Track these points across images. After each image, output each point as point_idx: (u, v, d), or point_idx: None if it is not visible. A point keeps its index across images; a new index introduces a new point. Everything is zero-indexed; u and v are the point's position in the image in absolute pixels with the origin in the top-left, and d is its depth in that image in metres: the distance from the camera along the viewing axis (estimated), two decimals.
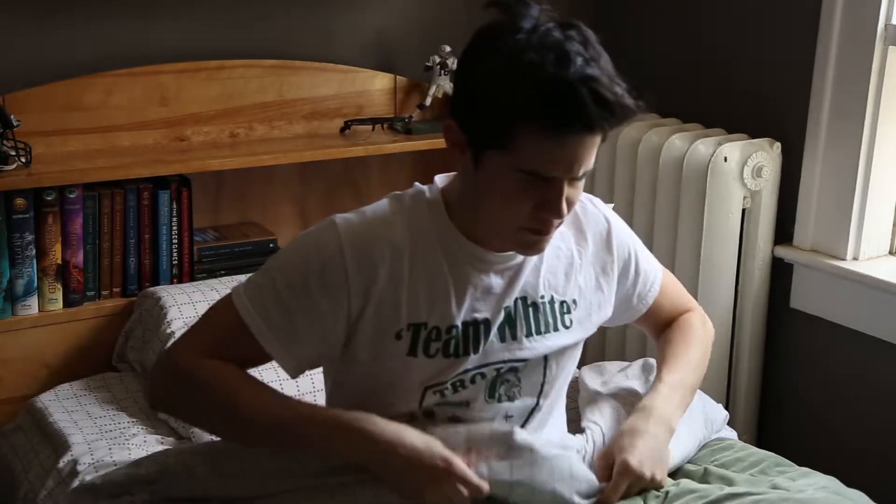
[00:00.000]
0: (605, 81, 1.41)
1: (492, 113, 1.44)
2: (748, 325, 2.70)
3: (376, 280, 1.54)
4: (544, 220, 1.50)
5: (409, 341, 1.57)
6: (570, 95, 1.39)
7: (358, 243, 1.54)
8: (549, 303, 1.66)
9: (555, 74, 1.39)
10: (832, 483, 1.76)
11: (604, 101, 1.40)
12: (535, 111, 1.41)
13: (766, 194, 2.65)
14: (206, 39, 2.61)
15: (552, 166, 1.45)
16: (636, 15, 3.02)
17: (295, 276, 1.55)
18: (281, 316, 1.55)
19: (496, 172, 1.48)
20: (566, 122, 1.41)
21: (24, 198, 2.30)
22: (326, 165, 2.77)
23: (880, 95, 2.48)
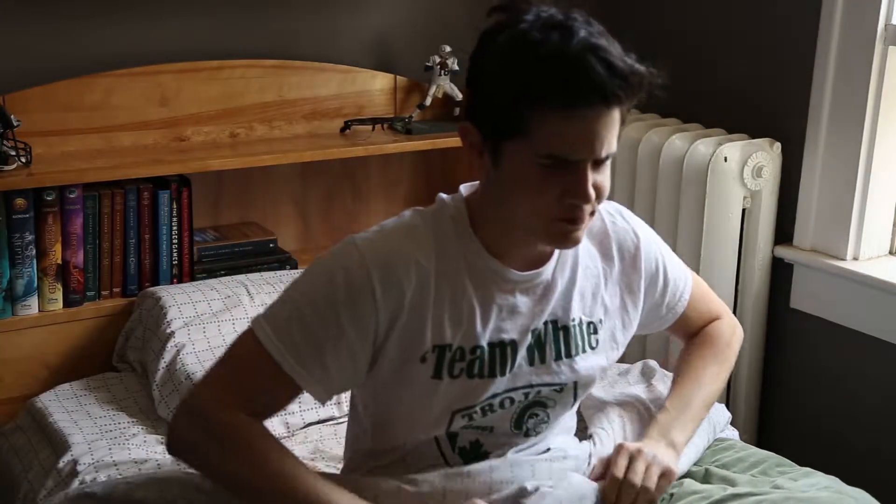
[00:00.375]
0: (613, 50, 1.38)
1: (503, 99, 1.40)
2: (748, 325, 2.70)
3: (403, 303, 1.48)
4: (573, 207, 1.44)
5: (434, 364, 1.52)
6: (579, 65, 1.36)
7: (384, 265, 1.48)
8: (578, 325, 1.62)
9: (560, 47, 1.36)
10: (834, 483, 1.76)
11: (614, 68, 1.37)
12: (544, 88, 1.36)
13: (766, 194, 2.65)
14: (206, 39, 2.61)
15: (571, 147, 1.40)
16: (636, 15, 3.02)
17: (322, 305, 1.48)
18: (310, 347, 1.49)
19: (517, 164, 1.42)
20: (578, 95, 1.37)
21: (24, 198, 2.30)
22: (326, 165, 2.77)
23: (880, 95, 2.48)
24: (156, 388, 2.23)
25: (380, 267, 1.48)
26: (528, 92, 1.38)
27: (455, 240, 1.53)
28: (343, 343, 1.49)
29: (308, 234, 2.85)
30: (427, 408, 1.55)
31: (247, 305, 2.39)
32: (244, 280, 2.49)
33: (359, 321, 1.48)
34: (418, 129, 2.76)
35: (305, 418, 2.20)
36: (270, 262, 2.65)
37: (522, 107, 1.39)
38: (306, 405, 2.21)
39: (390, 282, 1.48)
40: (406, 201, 2.94)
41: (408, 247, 1.51)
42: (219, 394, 1.51)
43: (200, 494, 1.61)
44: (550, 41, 1.37)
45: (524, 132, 1.40)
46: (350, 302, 1.47)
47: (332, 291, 1.48)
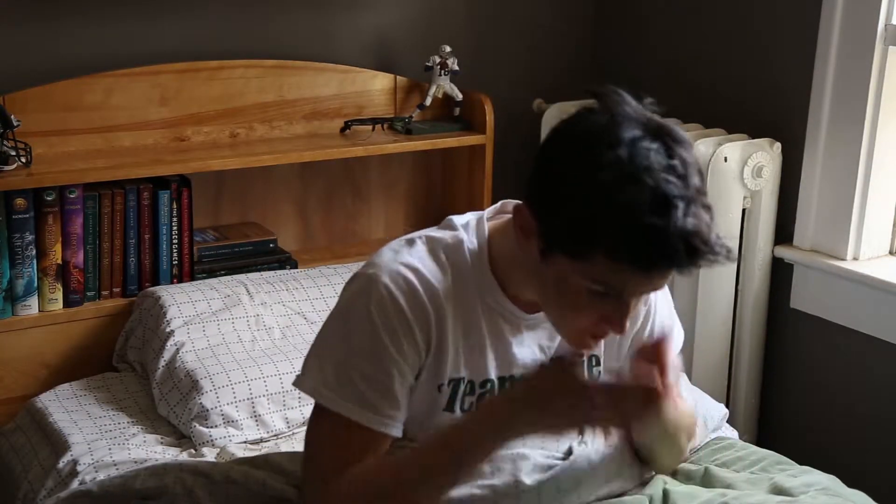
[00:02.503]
0: (703, 232, 1.31)
1: (575, 230, 1.34)
2: (748, 325, 2.70)
3: (430, 333, 1.49)
4: (604, 330, 1.43)
5: (448, 396, 1.54)
6: (667, 247, 1.30)
7: (411, 297, 1.47)
8: (585, 360, 1.64)
9: (653, 224, 1.29)
10: (833, 482, 1.76)
11: (698, 253, 1.31)
12: (624, 250, 1.31)
13: (766, 194, 2.65)
14: (206, 39, 2.61)
15: (629, 289, 1.37)
16: (636, 15, 3.02)
17: (373, 350, 1.47)
18: (380, 395, 1.47)
19: (564, 278, 1.39)
20: (657, 266, 1.33)
21: (24, 198, 2.30)
22: (326, 165, 2.77)
23: (880, 95, 2.48)
24: (156, 387, 2.23)
25: (407, 298, 1.47)
26: (605, 246, 1.32)
27: (473, 274, 1.53)
28: (403, 374, 1.49)
29: (308, 234, 2.85)
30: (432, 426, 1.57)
31: (246, 305, 2.39)
32: (244, 280, 2.49)
33: (405, 353, 1.48)
34: (418, 129, 2.77)
35: (305, 414, 2.20)
36: (270, 262, 2.65)
37: (593, 249, 1.33)
38: (306, 400, 2.20)
39: (420, 314, 1.48)
40: (406, 201, 2.94)
41: (429, 280, 1.50)
42: (326, 480, 1.47)
43: (198, 477, 1.64)
44: (642, 210, 1.29)
45: (586, 261, 1.35)
46: (394, 336, 1.47)
47: (374, 332, 1.47)
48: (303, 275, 2.55)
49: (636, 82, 1.54)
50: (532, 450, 1.61)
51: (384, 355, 1.47)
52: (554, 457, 1.63)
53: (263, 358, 2.25)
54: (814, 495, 1.68)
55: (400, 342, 1.47)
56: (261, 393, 2.17)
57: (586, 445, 1.66)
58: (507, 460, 1.58)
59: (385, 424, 1.48)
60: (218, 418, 2.11)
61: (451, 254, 1.53)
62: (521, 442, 1.61)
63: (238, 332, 2.33)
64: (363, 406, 1.46)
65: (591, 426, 1.45)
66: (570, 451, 1.65)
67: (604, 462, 1.65)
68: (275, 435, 2.16)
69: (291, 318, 2.41)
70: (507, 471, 1.58)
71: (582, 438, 1.67)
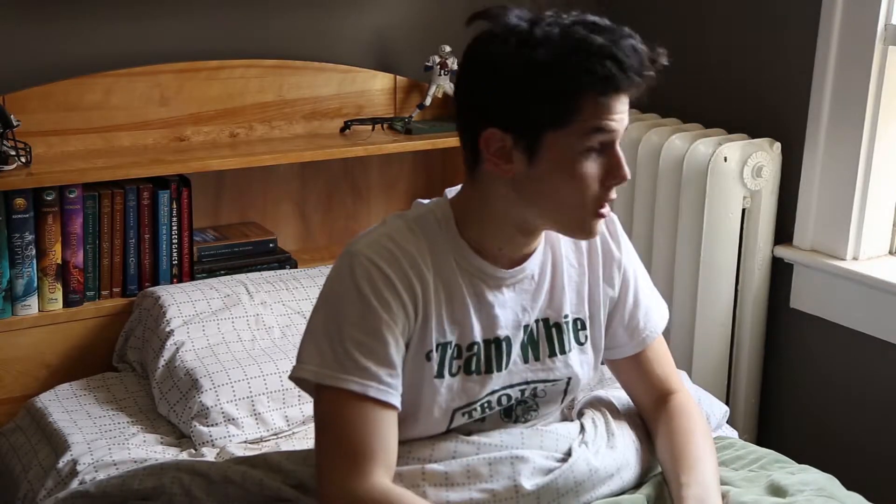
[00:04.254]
0: (637, 37, 1.49)
1: (553, 92, 1.45)
2: (748, 325, 2.70)
3: (417, 300, 1.52)
4: (610, 189, 1.52)
5: (437, 363, 1.55)
6: (628, 53, 1.45)
7: (395, 265, 1.51)
8: (568, 322, 1.66)
9: (608, 40, 1.45)
10: (830, 482, 1.76)
11: (644, 55, 1.47)
12: (597, 76, 1.44)
13: (766, 194, 2.65)
14: (206, 39, 2.61)
15: (612, 120, 1.48)
16: (636, 15, 3.02)
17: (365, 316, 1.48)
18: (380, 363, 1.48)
19: (559, 152, 1.47)
20: (626, 77, 1.45)
21: (24, 198, 2.30)
22: (326, 165, 2.77)
23: (880, 95, 2.48)
24: (155, 386, 2.23)
25: (392, 267, 1.50)
26: (581, 79, 1.44)
27: (444, 241, 1.56)
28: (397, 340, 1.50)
29: (308, 233, 2.85)
30: (430, 409, 1.57)
31: (246, 304, 2.39)
32: (244, 279, 2.49)
33: (396, 319, 1.50)
34: (418, 129, 2.77)
35: (305, 412, 2.20)
36: (270, 262, 2.65)
37: (572, 93, 1.45)
38: (305, 398, 2.21)
39: (405, 280, 1.51)
40: (406, 201, 2.94)
41: (407, 248, 1.53)
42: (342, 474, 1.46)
43: (196, 477, 1.64)
44: (593, 37, 1.44)
45: (570, 117, 1.45)
46: (383, 300, 1.49)
47: (364, 300, 1.48)
48: (303, 274, 2.55)
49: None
50: (531, 451, 1.61)
51: (378, 322, 1.48)
52: (553, 457, 1.62)
53: (263, 357, 2.25)
54: (809, 497, 1.67)
55: (389, 306, 1.49)
56: (261, 391, 2.17)
57: (586, 446, 1.66)
58: (505, 463, 1.57)
59: (389, 394, 1.48)
60: (218, 416, 2.11)
61: (422, 225, 1.57)
62: (520, 441, 1.62)
63: (238, 331, 2.33)
64: (366, 377, 1.46)
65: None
66: (569, 451, 1.64)
67: (604, 462, 1.64)
68: (275, 434, 2.16)
69: (291, 318, 2.41)
70: (505, 474, 1.57)
71: (582, 438, 1.68)
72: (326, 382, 1.48)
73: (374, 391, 1.47)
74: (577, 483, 1.60)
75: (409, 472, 1.55)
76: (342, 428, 1.48)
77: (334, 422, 1.49)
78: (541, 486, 1.58)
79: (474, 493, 1.55)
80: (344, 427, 1.47)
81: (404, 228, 1.56)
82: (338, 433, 1.48)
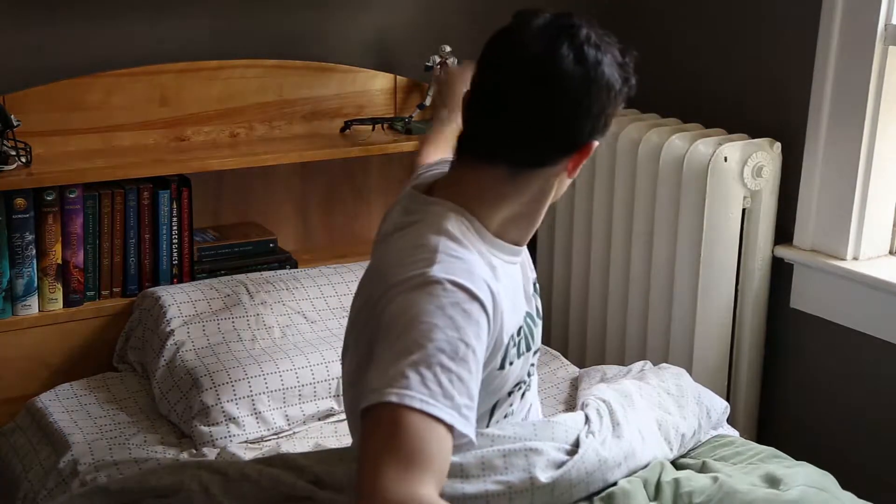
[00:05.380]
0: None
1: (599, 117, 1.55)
2: (748, 325, 2.70)
3: (495, 297, 1.49)
4: None
5: (501, 357, 1.55)
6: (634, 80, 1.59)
7: (474, 280, 1.45)
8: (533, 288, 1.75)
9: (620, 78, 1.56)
10: (825, 478, 1.78)
11: None
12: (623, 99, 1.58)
13: (766, 194, 2.65)
14: (206, 39, 2.61)
15: None
16: (637, 15, 3.02)
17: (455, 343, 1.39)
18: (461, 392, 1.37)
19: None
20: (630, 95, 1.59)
21: (24, 198, 2.30)
22: (326, 165, 2.77)
23: (880, 95, 2.48)
24: (156, 386, 2.23)
25: (473, 282, 1.45)
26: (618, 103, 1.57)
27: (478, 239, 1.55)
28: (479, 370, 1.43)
29: (308, 234, 2.85)
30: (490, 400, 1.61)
31: (246, 304, 2.39)
32: (244, 279, 2.49)
33: (482, 342, 1.44)
34: (418, 129, 2.76)
35: (305, 411, 2.21)
36: (270, 262, 2.65)
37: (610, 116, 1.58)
38: (306, 398, 2.21)
39: (486, 292, 1.47)
40: None
41: (468, 259, 1.49)
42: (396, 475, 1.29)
43: (214, 475, 1.64)
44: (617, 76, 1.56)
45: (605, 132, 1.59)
46: (475, 329, 1.42)
47: (455, 327, 1.40)
48: (303, 274, 2.55)
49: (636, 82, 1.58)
50: (544, 443, 1.63)
51: (466, 353, 1.40)
52: (563, 449, 1.66)
53: (263, 356, 2.25)
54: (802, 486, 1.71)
55: (479, 328, 1.43)
56: (261, 390, 2.17)
57: (593, 436, 1.71)
58: (519, 455, 1.60)
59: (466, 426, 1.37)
60: (219, 415, 2.11)
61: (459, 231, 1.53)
62: (533, 433, 1.64)
63: (238, 331, 2.33)
64: (452, 407, 1.35)
65: None
66: (577, 442, 1.69)
67: (612, 452, 1.69)
68: (275, 434, 2.16)
69: (291, 318, 2.41)
70: (520, 466, 1.60)
71: (589, 428, 1.71)
72: (414, 405, 1.32)
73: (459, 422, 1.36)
74: (588, 473, 1.65)
75: None
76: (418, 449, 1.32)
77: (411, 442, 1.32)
78: (555, 478, 1.62)
79: (490, 485, 1.56)
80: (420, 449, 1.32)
81: (451, 242, 1.50)
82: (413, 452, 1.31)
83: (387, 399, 1.32)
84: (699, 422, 1.98)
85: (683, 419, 1.93)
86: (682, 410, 1.94)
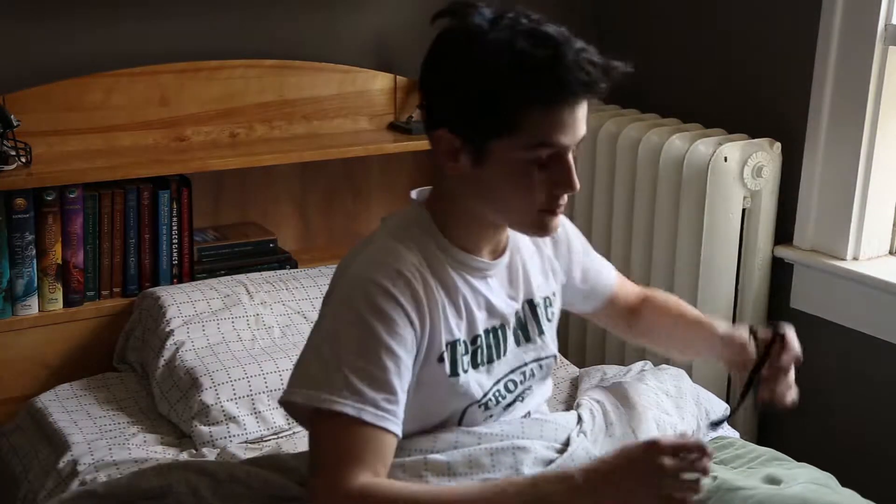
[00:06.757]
0: (591, 49, 1.48)
1: (492, 102, 1.45)
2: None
3: (423, 308, 1.51)
4: (558, 197, 1.52)
5: (449, 362, 1.56)
6: (570, 65, 1.44)
7: (397, 278, 1.50)
8: (542, 301, 1.71)
9: (550, 54, 1.44)
10: (827, 479, 1.77)
11: (596, 64, 1.46)
12: (540, 91, 1.44)
13: (766, 194, 2.65)
14: (206, 39, 2.61)
15: (559, 134, 1.47)
16: (635, 15, 3.02)
17: (365, 342, 1.47)
18: (378, 388, 1.46)
19: (505, 161, 1.48)
20: (569, 90, 1.45)
21: (24, 198, 2.30)
22: (326, 165, 2.77)
23: (880, 95, 2.48)
24: (156, 386, 2.23)
25: (393, 281, 1.49)
26: (522, 93, 1.44)
27: (430, 243, 1.57)
28: (399, 365, 1.49)
29: (308, 234, 2.85)
30: (442, 406, 1.59)
31: (246, 304, 2.39)
32: (244, 279, 2.49)
33: (402, 337, 1.49)
34: (418, 129, 2.76)
35: None
36: (270, 262, 2.65)
37: (514, 107, 1.45)
38: None
39: (408, 290, 1.50)
40: (406, 201, 2.92)
41: (401, 256, 1.53)
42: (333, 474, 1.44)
43: (203, 477, 1.64)
44: (537, 48, 1.44)
45: (515, 130, 1.46)
46: (389, 325, 1.48)
47: (363, 323, 1.47)
48: (303, 274, 2.55)
49: (636, 82, 1.57)
50: (532, 441, 1.62)
51: (377, 347, 1.47)
52: (553, 447, 1.65)
53: (263, 356, 2.25)
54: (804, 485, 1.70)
55: (394, 326, 1.48)
56: (261, 389, 2.17)
57: (585, 436, 1.69)
58: (507, 453, 1.59)
59: (386, 419, 1.46)
60: (219, 415, 2.11)
61: (408, 233, 1.57)
62: (521, 431, 1.63)
63: (238, 331, 2.33)
64: (362, 402, 1.45)
65: None
66: (568, 441, 1.67)
67: (602, 451, 1.67)
68: (275, 433, 2.16)
69: (291, 318, 2.41)
70: (507, 464, 1.59)
71: (581, 428, 1.70)
72: (322, 406, 1.45)
73: (370, 416, 1.45)
74: None
75: (412, 462, 1.56)
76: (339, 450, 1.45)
77: (331, 443, 1.46)
78: None
79: (477, 483, 1.56)
80: (339, 449, 1.45)
81: (394, 241, 1.56)
82: (334, 454, 1.45)
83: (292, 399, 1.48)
84: (698, 422, 1.98)
85: (682, 419, 1.93)
86: (680, 411, 1.95)
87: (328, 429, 1.47)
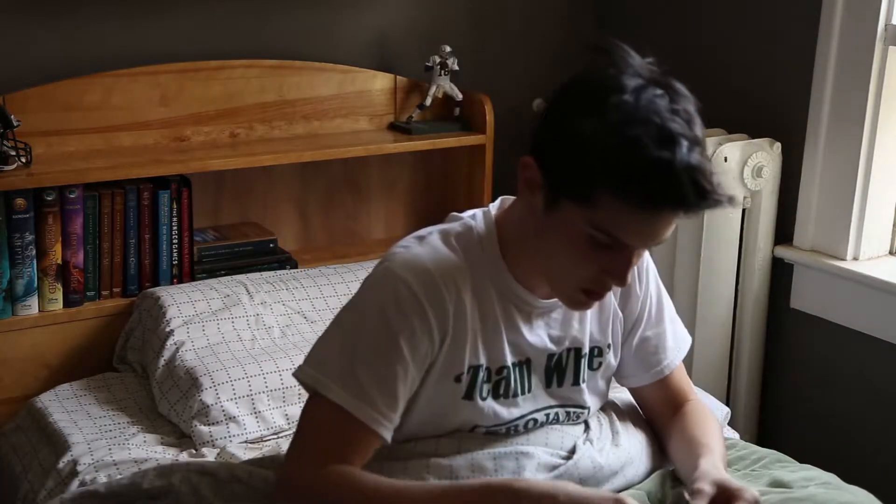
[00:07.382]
0: (706, 170, 1.36)
1: (582, 170, 1.37)
2: (748, 325, 2.70)
3: (448, 322, 1.50)
4: (605, 283, 1.46)
5: (467, 385, 1.55)
6: (673, 181, 1.33)
7: (429, 286, 1.48)
8: (590, 351, 1.67)
9: (659, 157, 1.33)
10: (832, 479, 1.77)
11: (703, 192, 1.35)
12: (630, 186, 1.34)
13: (766, 194, 2.65)
14: (206, 39, 2.61)
15: (632, 235, 1.40)
16: (636, 15, 3.02)
17: (384, 345, 1.47)
18: (381, 390, 1.46)
19: (568, 223, 1.42)
20: (660, 203, 1.36)
21: (24, 198, 2.30)
22: (326, 165, 2.77)
23: (880, 96, 2.48)
24: (156, 386, 2.23)
25: (425, 288, 1.48)
26: (612, 183, 1.35)
27: (484, 260, 1.54)
28: (408, 372, 1.48)
29: (308, 234, 2.85)
30: (450, 420, 1.58)
31: (246, 304, 2.39)
32: (244, 280, 2.49)
33: (417, 347, 1.48)
34: (418, 129, 2.77)
35: None
36: (270, 262, 2.65)
37: (598, 187, 1.36)
38: (305, 397, 2.20)
39: (437, 302, 1.48)
40: (406, 201, 2.94)
41: (445, 268, 1.50)
42: (303, 462, 1.47)
43: (204, 476, 1.64)
44: (649, 145, 1.33)
45: (588, 204, 1.38)
46: (407, 327, 1.47)
47: (387, 326, 1.47)
48: (303, 275, 2.55)
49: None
50: (536, 447, 1.61)
51: (393, 353, 1.47)
52: (558, 455, 1.63)
53: (263, 356, 2.25)
54: (812, 489, 1.68)
55: (413, 332, 1.47)
56: (260, 389, 2.17)
57: (591, 444, 1.67)
58: (510, 458, 1.58)
59: (378, 423, 1.47)
60: (219, 414, 2.11)
61: (462, 240, 1.54)
62: (525, 439, 1.62)
63: (238, 331, 2.33)
64: (361, 399, 1.46)
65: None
66: (573, 449, 1.65)
67: (608, 460, 1.65)
68: (275, 433, 2.16)
69: (291, 318, 2.41)
70: (510, 469, 1.58)
71: (587, 436, 1.68)
72: (322, 391, 1.47)
73: (366, 415, 1.46)
74: (582, 480, 1.61)
75: (414, 465, 1.56)
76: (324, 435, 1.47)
77: (319, 426, 1.48)
78: None
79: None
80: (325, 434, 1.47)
81: (445, 248, 1.53)
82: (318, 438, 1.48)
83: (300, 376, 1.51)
84: None
85: None
86: None
87: (321, 415, 1.48)
